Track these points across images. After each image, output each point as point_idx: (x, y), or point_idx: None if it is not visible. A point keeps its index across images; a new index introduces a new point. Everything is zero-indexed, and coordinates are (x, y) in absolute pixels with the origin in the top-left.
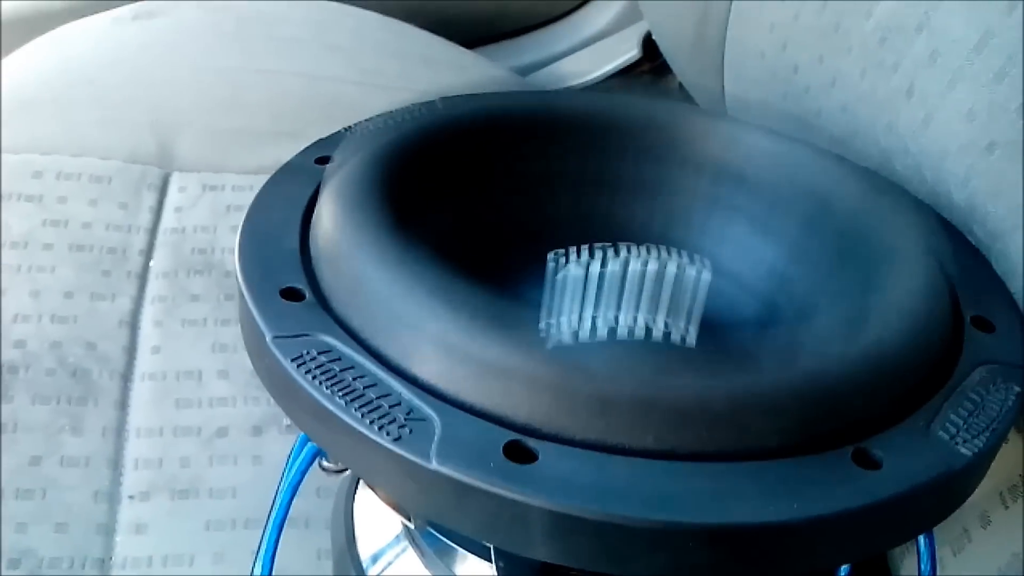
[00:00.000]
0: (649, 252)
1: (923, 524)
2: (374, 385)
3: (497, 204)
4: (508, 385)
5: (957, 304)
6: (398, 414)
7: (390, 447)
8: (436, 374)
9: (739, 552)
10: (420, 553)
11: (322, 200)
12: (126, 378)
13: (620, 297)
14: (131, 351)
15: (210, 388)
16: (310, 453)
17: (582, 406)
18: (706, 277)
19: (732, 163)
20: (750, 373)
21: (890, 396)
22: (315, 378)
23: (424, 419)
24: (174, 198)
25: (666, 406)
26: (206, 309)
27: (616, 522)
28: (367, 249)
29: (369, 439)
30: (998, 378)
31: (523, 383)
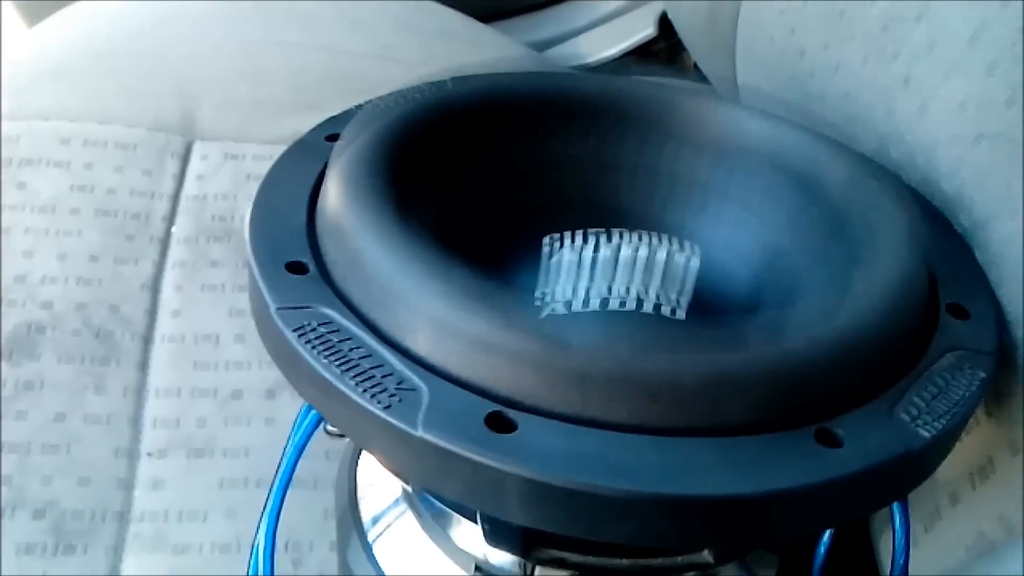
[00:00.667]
0: (640, 238)
1: (879, 500)
2: (369, 356)
3: (497, 187)
4: (492, 359)
5: (935, 290)
6: (389, 384)
7: (381, 415)
8: (426, 347)
9: (702, 521)
10: (417, 515)
11: (328, 178)
12: (147, 340)
13: (612, 281)
14: (152, 314)
15: (227, 352)
16: (316, 417)
17: (560, 380)
18: (694, 263)
19: (729, 148)
20: (721, 353)
21: (858, 378)
22: (314, 348)
23: (413, 389)
24: (196, 166)
25: (638, 383)
26: (225, 275)
27: (586, 490)
28: (368, 227)
29: (362, 407)
30: (965, 364)
31: (506, 357)
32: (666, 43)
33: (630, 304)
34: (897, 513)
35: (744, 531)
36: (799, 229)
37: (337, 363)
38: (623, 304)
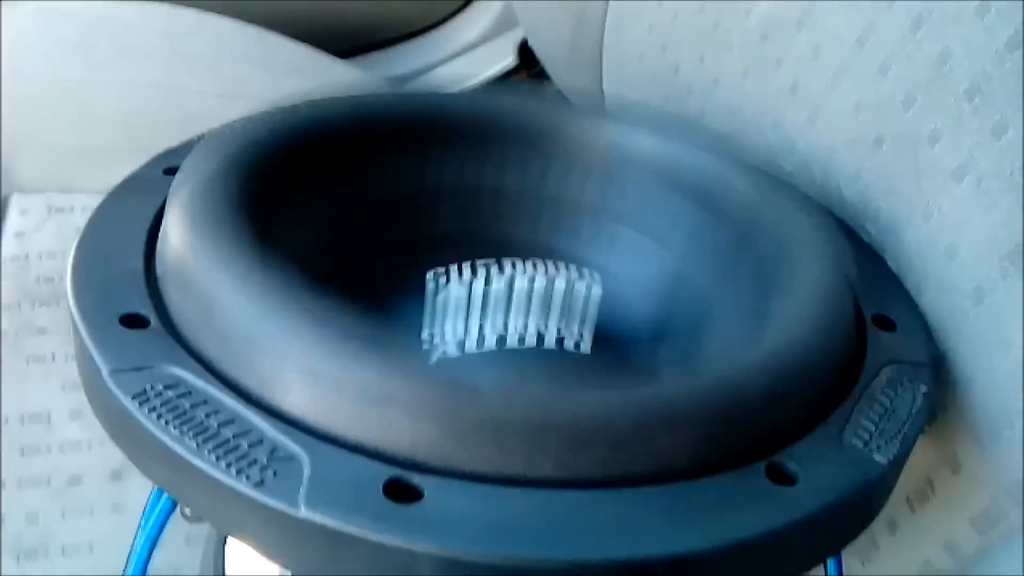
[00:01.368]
0: (535, 267)
1: (842, 540)
2: (231, 422)
3: (370, 218)
4: (385, 413)
5: (858, 303)
6: (260, 454)
7: (251, 494)
8: (303, 405)
9: None
10: None
11: (169, 214)
12: None
13: (507, 316)
14: None
15: (60, 431)
16: (169, 501)
17: (471, 433)
18: (596, 292)
19: (619, 168)
20: (652, 387)
21: (800, 402)
22: (160, 417)
23: (291, 458)
24: (15, 222)
25: (565, 428)
26: (54, 343)
27: (514, 564)
28: (220, 267)
29: (226, 485)
30: (904, 378)
31: (402, 410)
32: (527, 72)
33: (530, 340)
34: None
35: None
36: (701, 249)
37: (191, 433)
38: (522, 341)
